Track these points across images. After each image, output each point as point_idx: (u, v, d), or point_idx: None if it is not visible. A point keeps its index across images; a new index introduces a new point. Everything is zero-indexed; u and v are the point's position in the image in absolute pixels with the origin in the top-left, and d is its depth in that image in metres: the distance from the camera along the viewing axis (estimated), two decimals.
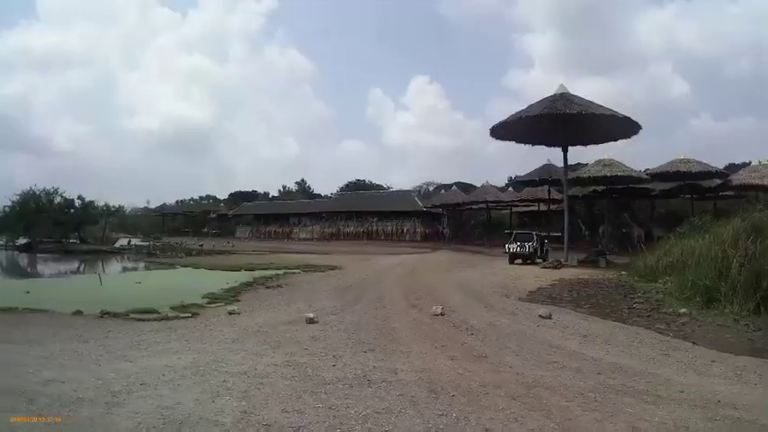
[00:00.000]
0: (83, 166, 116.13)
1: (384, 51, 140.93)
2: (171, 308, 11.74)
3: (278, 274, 19.57)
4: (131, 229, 57.20)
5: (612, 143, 25.70)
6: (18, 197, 46.44)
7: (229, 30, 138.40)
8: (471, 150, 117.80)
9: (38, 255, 37.37)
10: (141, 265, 29.41)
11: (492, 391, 5.28)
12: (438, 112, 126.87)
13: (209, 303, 12.83)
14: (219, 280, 17.88)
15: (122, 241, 47.59)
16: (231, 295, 14.31)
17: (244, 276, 19.12)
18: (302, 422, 4.41)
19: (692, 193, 34.02)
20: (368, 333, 8.34)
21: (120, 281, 19.63)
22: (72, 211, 47.50)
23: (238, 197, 74.04)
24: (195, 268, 24.12)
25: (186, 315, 10.90)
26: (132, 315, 10.81)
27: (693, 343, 7.90)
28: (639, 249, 26.37)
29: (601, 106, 21.59)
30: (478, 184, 56.17)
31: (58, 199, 47.17)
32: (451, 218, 52.45)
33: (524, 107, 22.51)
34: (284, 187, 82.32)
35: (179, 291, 15.07)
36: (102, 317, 10.63)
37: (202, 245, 41.46)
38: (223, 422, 4.40)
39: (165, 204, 70.35)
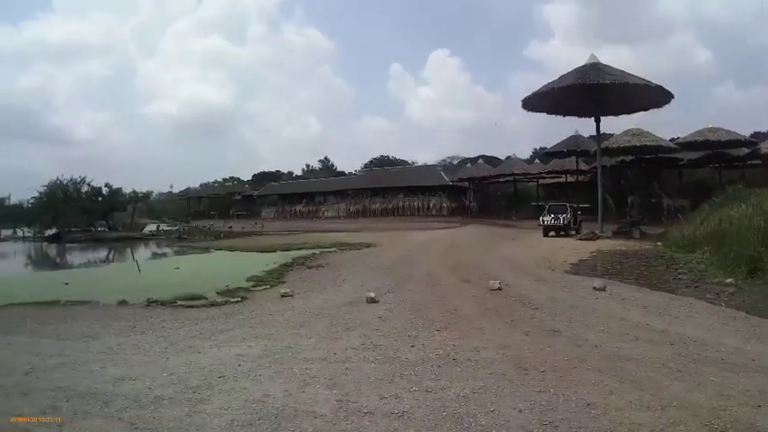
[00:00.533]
0: (105, 155, 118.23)
1: (402, 26, 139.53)
2: (217, 293, 11.48)
3: (315, 254, 19.70)
4: (158, 215, 57.81)
5: (637, 113, 25.75)
6: (45, 188, 47.16)
7: (246, 10, 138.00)
8: (493, 123, 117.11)
9: (67, 245, 37.85)
10: (174, 249, 29.73)
11: (579, 366, 5.40)
12: (458, 85, 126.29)
13: (254, 287, 12.61)
14: (258, 262, 18.01)
15: (151, 227, 48.18)
16: (275, 277, 14.16)
17: (281, 257, 19.09)
18: (403, 407, 4.32)
19: (720, 162, 33.81)
20: (433, 311, 8.38)
21: (157, 267, 19.54)
22: (100, 199, 48.09)
23: (262, 178, 74.54)
24: (230, 251, 24.33)
25: (236, 300, 10.65)
26: (180, 302, 10.46)
27: (747, 312, 8.08)
28: (671, 220, 26.73)
29: (633, 76, 21.47)
30: (502, 157, 56.35)
31: (85, 188, 47.76)
32: (477, 192, 52.59)
33: (548, 79, 22.71)
34: (308, 166, 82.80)
35: (219, 275, 15.16)
36: (149, 305, 10.29)
37: (231, 227, 41.76)
38: (321, 413, 4.26)
39: (189, 188, 70.92)
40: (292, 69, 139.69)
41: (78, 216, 45.80)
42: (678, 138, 33.14)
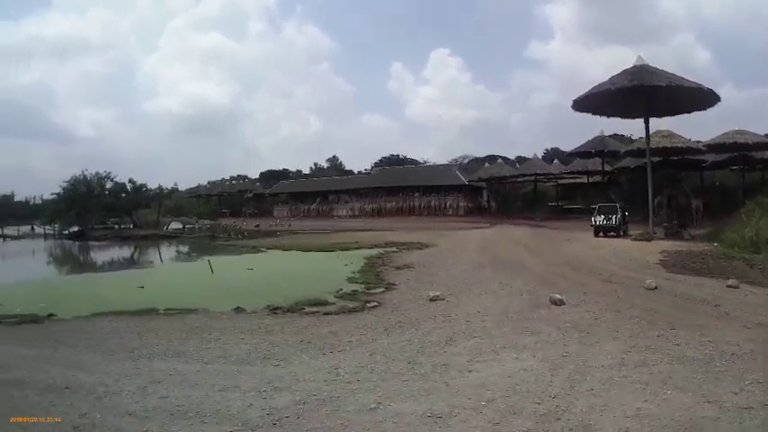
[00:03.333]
0: (106, 152, 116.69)
1: (402, 24, 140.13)
2: (335, 296, 10.78)
3: (385, 254, 19.23)
4: (176, 212, 57.07)
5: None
6: (67, 183, 45.90)
7: (245, 7, 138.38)
8: (495, 123, 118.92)
9: (91, 242, 37.35)
10: (220, 249, 28.37)
11: None
12: (460, 84, 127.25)
13: (368, 290, 11.60)
14: (328, 262, 17.77)
15: (174, 224, 47.09)
16: (378, 279, 13.13)
17: (349, 257, 18.46)
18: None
19: (744, 164, 34.17)
20: (633, 310, 8.13)
21: (228, 268, 17.97)
22: (123, 195, 47.17)
23: (270, 176, 74.04)
24: (284, 250, 23.63)
25: (373, 304, 9.77)
26: (307, 308, 9.55)
27: None
28: (699, 221, 26.97)
29: (684, 79, 21.86)
30: (511, 157, 56.73)
31: (109, 184, 46.91)
32: (492, 192, 52.77)
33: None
34: (315, 164, 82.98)
35: (300, 276, 14.79)
36: (274, 312, 9.32)
37: (258, 225, 41.21)
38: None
39: (199, 185, 70.35)
40: (292, 67, 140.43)
41: (102, 213, 45.38)
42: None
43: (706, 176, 40.28)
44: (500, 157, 56.04)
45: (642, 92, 21.79)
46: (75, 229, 42.71)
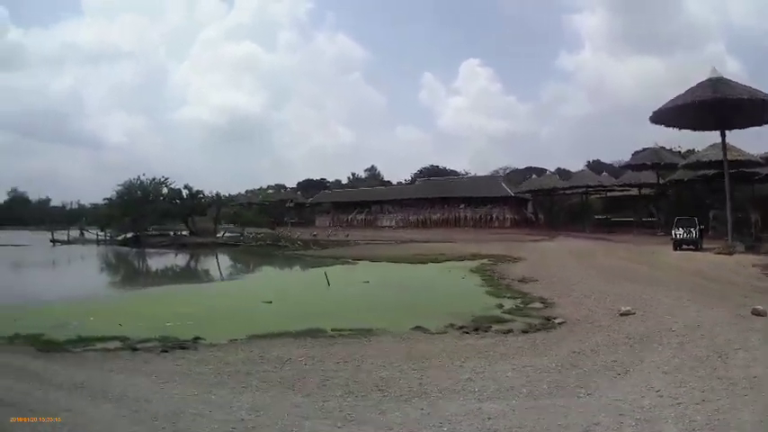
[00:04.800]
0: (138, 159, 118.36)
1: (432, 35, 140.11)
2: (502, 312, 10.65)
3: (480, 267, 19.43)
4: (227, 220, 56.76)
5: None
6: (120, 187, 45.25)
7: (276, 17, 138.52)
8: (525, 133, 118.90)
9: (147, 248, 37.38)
10: (294, 258, 28.59)
11: None
12: (490, 95, 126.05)
13: (525, 305, 11.49)
14: (439, 275, 17.85)
15: (232, 232, 46.84)
16: (519, 293, 13.01)
17: (453, 269, 18.95)
18: None
19: None
20: None
21: (338, 280, 16.45)
22: (177, 201, 46.53)
23: (307, 185, 74.98)
24: (373, 261, 23.56)
25: (559, 320, 9.45)
26: (493, 326, 9.20)
27: None
28: (758, 234, 27.11)
29: (760, 91, 22.27)
30: (549, 168, 57.00)
31: (164, 189, 46.30)
32: (536, 204, 53.07)
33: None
34: (353, 174, 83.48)
35: (424, 290, 14.77)
36: (465, 332, 8.78)
37: (316, 234, 41.26)
38: None
39: (239, 194, 71.08)
40: (323, 77, 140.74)
41: (157, 218, 44.81)
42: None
43: (756, 189, 40.37)
44: (539, 168, 56.45)
45: (717, 104, 22.24)
46: (130, 234, 42.52)
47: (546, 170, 55.28)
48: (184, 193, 46.99)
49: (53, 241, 45.23)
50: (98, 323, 10.12)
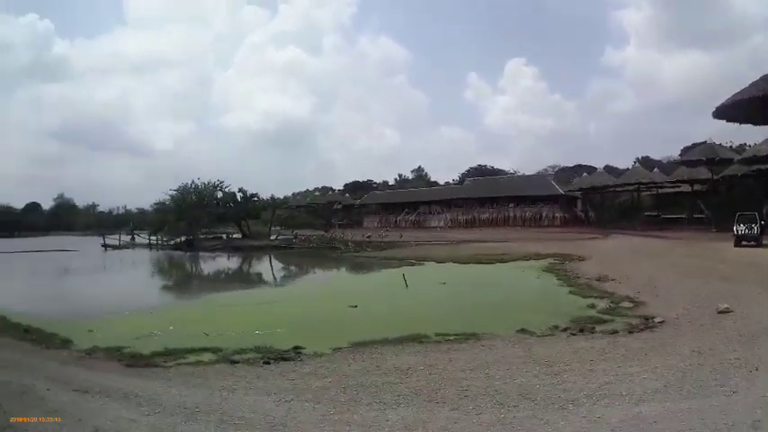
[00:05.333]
0: (183, 165, 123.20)
1: (476, 35, 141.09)
2: (597, 313, 10.80)
3: (548, 266, 20.04)
4: (280, 222, 57.36)
5: None
6: (175, 192, 45.65)
7: (320, 21, 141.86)
8: (571, 131, 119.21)
9: (201, 252, 38.04)
10: (355, 261, 28.90)
11: None
12: (536, 94, 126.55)
13: (616, 304, 11.60)
14: (514, 275, 18.17)
15: (285, 235, 47.29)
16: (604, 293, 13.29)
17: (526, 269, 19.50)
18: None
19: None
20: None
21: (416, 283, 16.68)
22: (231, 204, 46.77)
23: (354, 187, 76.46)
24: (439, 263, 23.81)
25: (658, 319, 9.57)
26: (597, 328, 9.35)
27: None
28: None
29: None
30: (598, 166, 56.68)
31: (218, 193, 46.48)
32: (585, 202, 53.07)
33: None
34: (400, 175, 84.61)
35: (505, 290, 14.94)
36: (571, 334, 8.95)
37: (369, 236, 41.32)
38: None
39: (285, 197, 72.59)
40: (368, 79, 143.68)
41: (212, 222, 45.35)
42: None
43: None
44: (588, 166, 56.35)
45: None
46: (183, 238, 43.09)
47: (595, 168, 55.19)
48: (238, 196, 47.34)
49: (105, 246, 46.26)
50: (180, 333, 9.95)
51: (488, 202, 53.92)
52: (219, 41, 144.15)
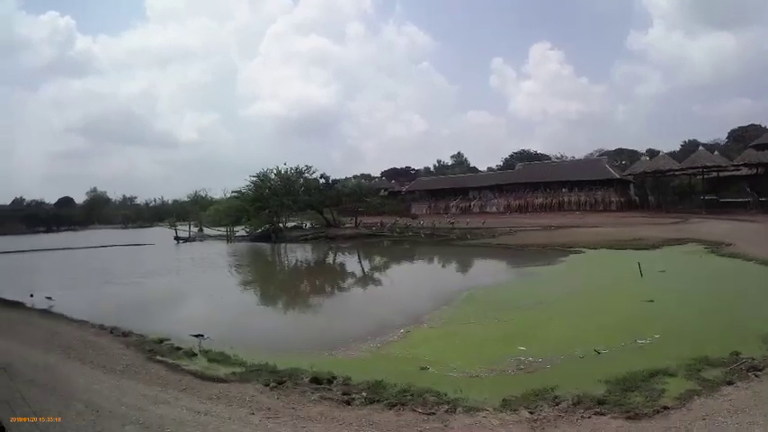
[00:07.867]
0: (209, 156, 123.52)
1: (500, 20, 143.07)
2: None
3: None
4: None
5: None
6: (255, 178, 43.39)
7: (342, 9, 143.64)
8: (599, 115, 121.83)
9: (288, 243, 36.58)
10: (483, 249, 28.20)
11: None
12: (562, 78, 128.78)
13: None
14: (694, 261, 17.85)
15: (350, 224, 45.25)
16: None
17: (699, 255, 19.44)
18: None
19: None
20: None
21: (627, 271, 15.73)
22: (314, 191, 44.03)
23: (393, 174, 76.92)
24: (592, 249, 23.30)
25: None
26: None
27: None
28: None
29: None
30: (641, 150, 57.75)
31: (301, 180, 44.02)
32: (639, 186, 54.11)
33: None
34: (439, 161, 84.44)
35: (728, 282, 13.77)
36: None
37: (453, 222, 40.33)
38: None
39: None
40: (393, 67, 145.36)
41: (295, 211, 43.69)
42: None
43: None
44: (630, 150, 57.62)
45: None
46: (265, 228, 41.37)
47: (636, 152, 56.42)
48: (321, 183, 45.64)
49: (176, 239, 44.19)
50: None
51: (541, 187, 54.68)
52: (242, 32, 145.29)
